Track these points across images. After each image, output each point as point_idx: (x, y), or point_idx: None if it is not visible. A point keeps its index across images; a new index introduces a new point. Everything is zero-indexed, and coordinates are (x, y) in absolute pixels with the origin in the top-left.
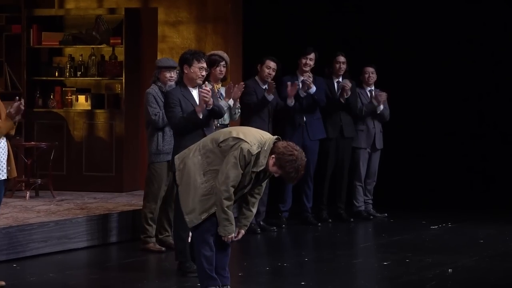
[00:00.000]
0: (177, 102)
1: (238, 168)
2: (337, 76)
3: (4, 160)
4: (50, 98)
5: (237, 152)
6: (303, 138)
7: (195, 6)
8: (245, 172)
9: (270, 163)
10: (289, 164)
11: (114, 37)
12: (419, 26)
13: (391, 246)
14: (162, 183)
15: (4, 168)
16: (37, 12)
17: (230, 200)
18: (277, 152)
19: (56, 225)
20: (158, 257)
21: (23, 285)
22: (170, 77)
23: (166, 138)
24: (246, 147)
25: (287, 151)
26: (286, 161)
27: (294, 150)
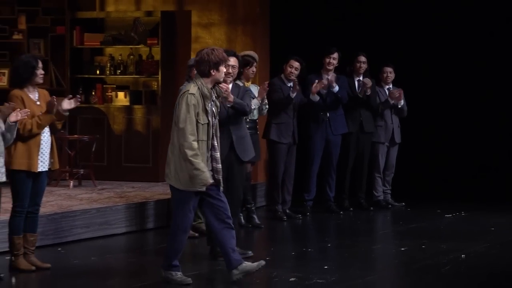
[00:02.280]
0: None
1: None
2: (358, 74)
3: (47, 153)
4: (92, 94)
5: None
6: (326, 133)
7: (226, 9)
8: (203, 110)
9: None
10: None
11: (151, 38)
12: (435, 27)
13: (408, 233)
14: None
15: (47, 160)
16: (80, 14)
17: (191, 149)
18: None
19: (98, 212)
20: (191, 242)
21: (67, 267)
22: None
23: None
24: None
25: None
26: (198, 60)
27: None
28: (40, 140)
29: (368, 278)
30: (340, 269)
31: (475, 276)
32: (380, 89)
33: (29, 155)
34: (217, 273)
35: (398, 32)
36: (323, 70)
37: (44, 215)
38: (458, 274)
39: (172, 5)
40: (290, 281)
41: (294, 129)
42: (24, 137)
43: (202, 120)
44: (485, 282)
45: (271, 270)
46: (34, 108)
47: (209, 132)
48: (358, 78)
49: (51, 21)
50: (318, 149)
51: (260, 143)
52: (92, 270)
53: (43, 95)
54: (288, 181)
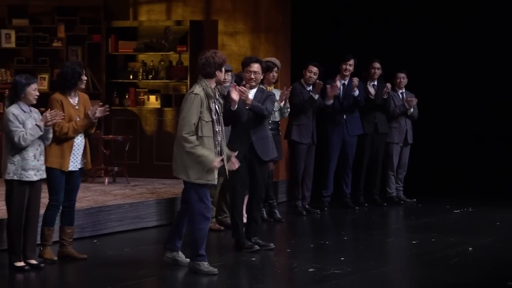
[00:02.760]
0: None
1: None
2: (373, 80)
3: (79, 154)
4: (126, 97)
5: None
6: (343, 134)
7: (250, 18)
8: (207, 109)
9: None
10: (205, 59)
11: (180, 45)
12: (445, 35)
13: (419, 228)
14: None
15: (79, 160)
16: (115, 23)
17: (188, 142)
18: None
19: (130, 206)
20: (217, 235)
21: (102, 258)
22: (224, 79)
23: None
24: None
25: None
26: (203, 63)
27: None
28: (73, 142)
29: (382, 269)
30: (355, 260)
31: (482, 267)
32: (394, 94)
33: (62, 155)
34: (241, 264)
35: (411, 39)
36: (339, 76)
37: (82, 209)
38: (465, 265)
39: (200, 15)
40: (309, 271)
41: (313, 130)
42: (60, 139)
43: (206, 118)
44: (491, 273)
45: (291, 261)
46: (72, 112)
47: (214, 129)
48: (372, 83)
49: (88, 30)
50: (335, 149)
51: (282, 143)
52: (125, 261)
53: (83, 99)
54: (307, 178)
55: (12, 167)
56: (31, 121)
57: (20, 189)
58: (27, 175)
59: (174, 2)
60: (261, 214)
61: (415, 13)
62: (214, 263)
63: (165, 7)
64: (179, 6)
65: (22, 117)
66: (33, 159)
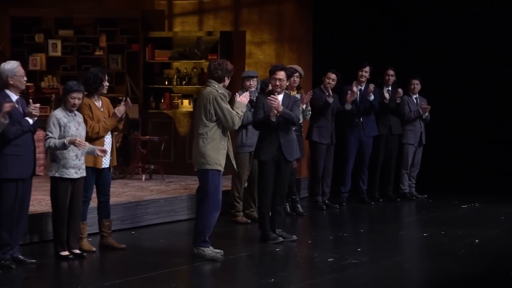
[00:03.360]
0: (262, 105)
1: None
2: (387, 85)
3: (108, 151)
4: (161, 102)
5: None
6: (360, 135)
7: (275, 29)
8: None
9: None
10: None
11: (211, 54)
12: (455, 43)
13: (429, 221)
14: (245, 169)
15: (108, 157)
16: (151, 34)
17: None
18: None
19: (165, 201)
20: (245, 228)
21: (140, 248)
22: (250, 85)
23: (248, 134)
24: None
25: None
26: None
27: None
28: (104, 140)
29: (395, 259)
30: (371, 251)
31: (487, 257)
32: (409, 99)
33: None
34: (266, 254)
35: (424, 48)
36: (356, 82)
37: (121, 203)
38: (472, 256)
39: (229, 26)
40: (329, 261)
41: (332, 132)
42: (92, 139)
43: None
44: (496, 263)
45: (312, 251)
46: (99, 113)
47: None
48: (387, 88)
49: (127, 40)
50: (353, 149)
51: (303, 143)
52: (160, 250)
53: (106, 102)
54: (327, 176)
55: (55, 165)
56: (74, 124)
57: (63, 185)
58: (68, 172)
59: (206, 14)
60: (284, 208)
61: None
62: (242, 253)
63: (197, 19)
64: (210, 18)
65: (65, 120)
66: (74, 158)
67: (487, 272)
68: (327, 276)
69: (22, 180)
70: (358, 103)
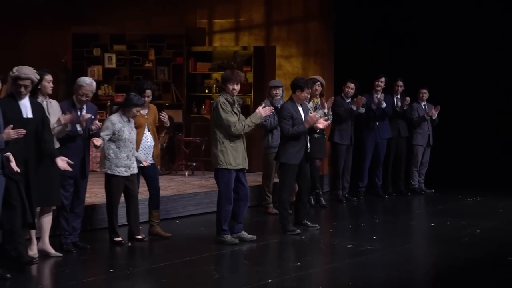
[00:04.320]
0: (290, 115)
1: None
2: (396, 94)
3: (150, 152)
4: (202, 107)
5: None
6: (376, 137)
7: (301, 44)
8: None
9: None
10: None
11: (246, 66)
12: (461, 54)
13: (436, 213)
14: (273, 167)
15: (150, 156)
16: (194, 48)
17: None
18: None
19: (205, 194)
20: (274, 218)
21: (183, 235)
22: (275, 93)
23: (274, 137)
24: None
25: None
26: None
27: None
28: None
29: (406, 246)
30: (385, 238)
31: (487, 245)
32: (418, 105)
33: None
34: (293, 241)
35: (430, 61)
36: (373, 90)
37: (166, 196)
38: (474, 243)
39: (261, 42)
40: (348, 247)
41: (352, 134)
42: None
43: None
44: (495, 250)
45: (333, 239)
46: (142, 120)
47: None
48: (396, 96)
49: (173, 54)
50: (369, 149)
51: (326, 144)
52: (201, 237)
53: (152, 109)
54: (346, 172)
55: (107, 162)
56: (127, 129)
57: (115, 181)
58: (119, 170)
59: (241, 31)
60: (309, 200)
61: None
62: (271, 240)
63: (234, 35)
64: (245, 34)
65: (119, 125)
66: (125, 158)
67: (487, 258)
68: (346, 261)
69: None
70: (375, 109)
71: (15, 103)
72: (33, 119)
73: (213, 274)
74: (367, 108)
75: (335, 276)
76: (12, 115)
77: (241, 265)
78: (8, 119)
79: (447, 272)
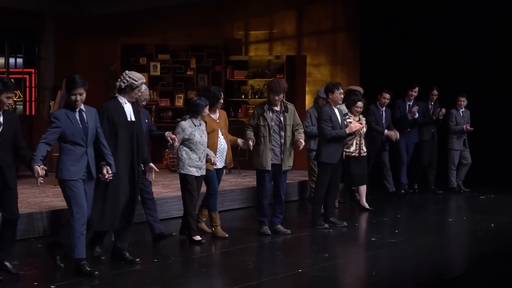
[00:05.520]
0: (329, 117)
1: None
2: (431, 101)
3: (223, 155)
4: (239, 111)
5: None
6: (407, 140)
7: (330, 54)
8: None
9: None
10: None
11: (279, 74)
12: (496, 63)
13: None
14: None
15: (223, 159)
16: (231, 57)
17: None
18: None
19: (241, 191)
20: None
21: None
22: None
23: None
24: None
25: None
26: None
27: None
28: (218, 146)
29: (426, 239)
30: (406, 232)
31: (501, 238)
32: (457, 113)
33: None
34: (323, 235)
35: (466, 68)
36: (406, 98)
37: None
38: (488, 237)
39: (293, 51)
40: (372, 240)
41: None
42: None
43: (262, 123)
44: (508, 242)
45: (357, 232)
46: (214, 124)
47: (270, 131)
48: (431, 103)
49: (212, 62)
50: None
51: None
52: (237, 230)
53: (222, 114)
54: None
55: (180, 163)
56: (198, 132)
57: (189, 179)
58: (191, 170)
59: (275, 42)
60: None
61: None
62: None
63: (268, 46)
64: (278, 45)
65: (190, 130)
66: (197, 159)
67: (501, 250)
68: (371, 252)
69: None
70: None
71: (121, 107)
72: (136, 122)
73: (248, 264)
74: (400, 115)
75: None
76: (119, 119)
77: (273, 256)
78: (115, 122)
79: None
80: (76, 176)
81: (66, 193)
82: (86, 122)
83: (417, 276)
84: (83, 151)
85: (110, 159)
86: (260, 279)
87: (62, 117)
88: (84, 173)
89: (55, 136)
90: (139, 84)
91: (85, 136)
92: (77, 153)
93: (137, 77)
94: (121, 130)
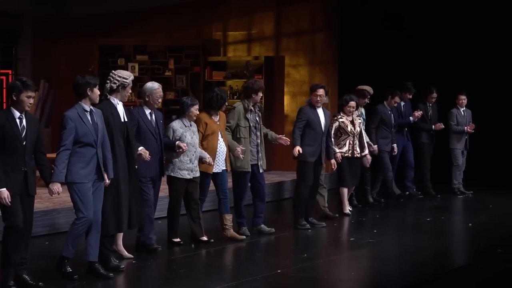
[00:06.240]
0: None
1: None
2: (430, 103)
3: (222, 158)
4: None
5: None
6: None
7: (308, 54)
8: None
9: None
10: (247, 84)
11: (257, 74)
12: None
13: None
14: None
15: (223, 164)
16: (210, 58)
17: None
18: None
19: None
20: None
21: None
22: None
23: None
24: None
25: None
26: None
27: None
28: (217, 150)
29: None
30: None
31: (479, 238)
32: (458, 111)
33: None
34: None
35: (467, 68)
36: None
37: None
38: (467, 237)
39: (272, 52)
40: (351, 240)
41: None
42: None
43: (243, 124)
44: (486, 242)
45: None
46: (215, 126)
47: (250, 132)
48: (429, 104)
49: (190, 63)
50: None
51: None
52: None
53: (222, 116)
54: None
55: (171, 165)
56: (189, 133)
57: (177, 183)
58: (182, 173)
59: (253, 42)
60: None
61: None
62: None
63: (246, 46)
64: (257, 45)
65: (181, 131)
66: (188, 162)
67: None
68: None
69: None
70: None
71: (115, 108)
72: (128, 122)
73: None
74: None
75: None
76: (114, 121)
77: (253, 256)
78: (110, 124)
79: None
80: (86, 179)
81: (73, 196)
82: (96, 122)
83: (397, 275)
84: (93, 153)
85: (110, 163)
86: (239, 279)
87: (75, 117)
88: (94, 175)
89: (72, 138)
90: (130, 81)
91: (96, 136)
92: (87, 155)
93: (126, 75)
94: (116, 132)
